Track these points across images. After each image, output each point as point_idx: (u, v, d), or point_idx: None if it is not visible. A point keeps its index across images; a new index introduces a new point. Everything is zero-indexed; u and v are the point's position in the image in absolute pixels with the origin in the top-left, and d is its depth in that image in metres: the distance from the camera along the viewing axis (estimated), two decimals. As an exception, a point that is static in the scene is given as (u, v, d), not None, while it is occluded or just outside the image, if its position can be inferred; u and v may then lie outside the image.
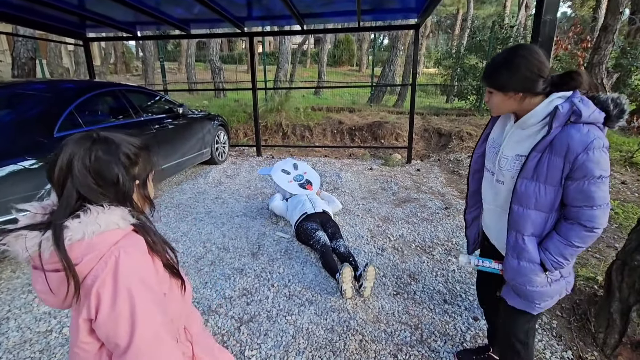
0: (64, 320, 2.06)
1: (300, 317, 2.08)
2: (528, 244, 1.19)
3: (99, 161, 0.72)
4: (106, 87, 3.44)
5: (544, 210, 1.16)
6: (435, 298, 2.29)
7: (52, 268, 0.70)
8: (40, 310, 2.14)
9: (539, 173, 1.11)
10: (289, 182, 3.49)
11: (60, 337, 1.93)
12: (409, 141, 5.68)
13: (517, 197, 1.16)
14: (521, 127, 1.18)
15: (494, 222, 1.35)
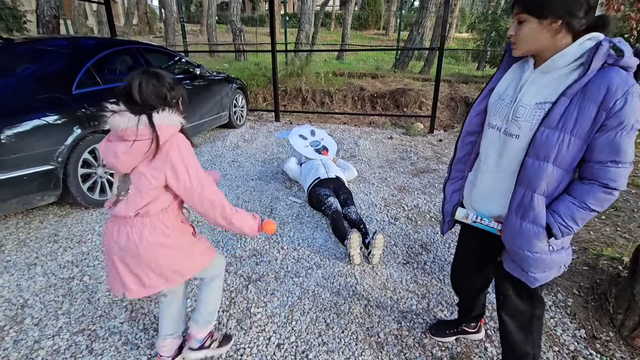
0: (85, 269, 2.18)
1: (307, 279, 2.11)
2: (537, 203, 1.05)
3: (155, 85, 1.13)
4: (123, 45, 3.41)
5: (562, 167, 1.02)
6: (446, 269, 2.25)
7: (141, 138, 1.09)
8: (64, 258, 2.28)
9: (566, 122, 0.97)
10: (305, 147, 3.44)
11: (81, 284, 2.05)
12: (433, 110, 5.41)
13: (534, 149, 1.02)
14: (545, 71, 1.04)
15: (489, 188, 1.19)
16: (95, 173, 2.86)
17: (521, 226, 1.09)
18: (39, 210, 2.85)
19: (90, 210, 2.87)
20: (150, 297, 1.95)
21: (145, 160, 1.12)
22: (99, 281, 2.08)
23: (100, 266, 2.21)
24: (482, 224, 1.22)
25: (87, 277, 2.11)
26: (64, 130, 2.54)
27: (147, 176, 1.13)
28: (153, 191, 1.16)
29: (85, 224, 2.68)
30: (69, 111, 2.59)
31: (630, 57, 0.93)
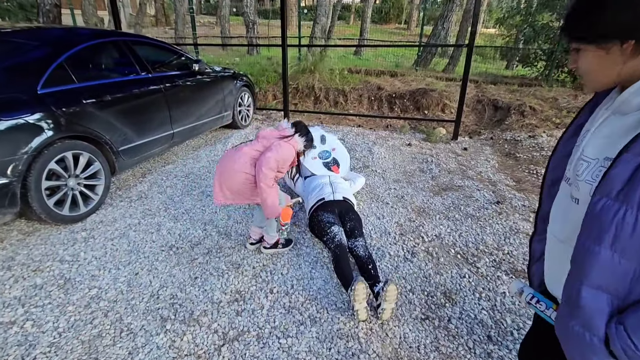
0: (31, 310, 1.80)
1: (297, 340, 1.66)
2: (586, 299, 0.71)
3: None
4: (107, 37, 3.01)
5: (629, 256, 0.66)
6: (477, 331, 1.76)
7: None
8: (11, 293, 1.90)
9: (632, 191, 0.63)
10: (312, 159, 2.97)
11: (20, 332, 1.67)
12: (458, 114, 4.83)
13: (586, 224, 0.70)
14: (620, 111, 0.72)
15: (553, 261, 0.88)
16: (66, 185, 2.48)
17: (570, 327, 0.75)
18: (3, 226, 2.51)
19: (59, 228, 2.51)
20: (98, 359, 1.54)
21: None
22: (43, 330, 1.69)
23: (50, 307, 1.83)
24: (538, 308, 0.90)
25: (31, 322, 1.73)
26: (21, 136, 2.16)
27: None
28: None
29: (48, 246, 2.31)
30: (31, 114, 2.21)
31: None
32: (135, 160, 3.11)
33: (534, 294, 0.93)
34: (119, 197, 3.00)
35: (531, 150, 4.34)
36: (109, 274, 2.07)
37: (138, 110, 3.06)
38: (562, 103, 5.62)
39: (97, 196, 2.72)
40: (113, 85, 2.89)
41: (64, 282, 2.00)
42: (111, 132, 2.77)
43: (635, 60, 0.68)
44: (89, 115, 2.60)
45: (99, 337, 1.66)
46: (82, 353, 1.57)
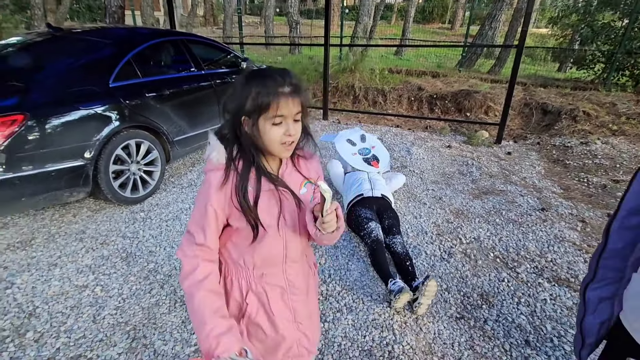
0: (100, 277, 2.04)
1: (334, 326, 1.75)
2: None
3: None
4: (167, 37, 3.27)
5: None
6: (514, 335, 1.74)
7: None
8: (83, 262, 2.17)
9: None
10: (352, 154, 3.04)
11: (91, 295, 1.90)
12: (503, 116, 4.67)
13: None
14: None
15: None
16: (128, 170, 2.75)
17: None
18: (75, 203, 2.83)
19: (121, 208, 2.79)
20: (156, 325, 1.73)
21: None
22: (110, 294, 1.91)
23: (115, 276, 2.06)
24: None
25: (100, 288, 1.96)
26: (96, 125, 2.43)
27: None
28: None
29: (113, 223, 2.59)
30: (104, 105, 2.48)
31: None
32: (186, 150, 3.36)
33: None
34: (172, 183, 3.26)
35: (582, 157, 4.10)
36: (164, 251, 2.29)
37: (191, 104, 3.30)
38: (621, 108, 5.23)
39: (154, 181, 2.98)
40: (171, 81, 3.14)
41: (126, 256, 2.24)
42: (168, 123, 3.02)
43: None
44: (151, 108, 2.86)
45: (157, 305, 1.85)
46: (143, 317, 1.77)
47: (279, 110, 0.77)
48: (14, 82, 2.25)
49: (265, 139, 0.80)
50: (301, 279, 0.97)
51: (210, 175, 0.82)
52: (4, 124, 2.01)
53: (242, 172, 0.82)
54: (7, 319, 1.74)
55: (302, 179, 0.92)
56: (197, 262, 0.82)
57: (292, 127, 0.80)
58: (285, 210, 0.87)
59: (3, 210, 2.30)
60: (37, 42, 2.77)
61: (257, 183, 0.83)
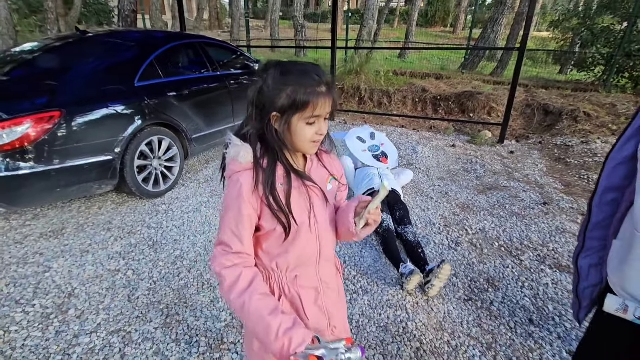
0: (130, 262, 2.19)
1: (351, 305, 1.88)
2: None
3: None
4: (186, 39, 3.44)
5: None
6: (518, 314, 1.87)
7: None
8: (113, 249, 2.32)
9: None
10: (362, 151, 3.19)
11: (124, 278, 2.05)
12: (505, 116, 4.81)
13: None
14: None
15: None
16: (151, 165, 2.90)
17: None
18: (99, 196, 2.98)
19: (144, 201, 2.94)
20: (187, 304, 1.87)
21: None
22: (141, 277, 2.06)
23: (144, 261, 2.20)
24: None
25: (131, 271, 2.11)
26: (123, 121, 2.59)
27: None
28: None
29: (137, 215, 2.74)
30: (130, 103, 2.64)
31: None
32: (203, 147, 3.51)
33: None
34: (189, 179, 3.41)
35: (583, 155, 4.24)
36: (188, 240, 2.43)
37: (207, 103, 3.45)
38: (620, 109, 5.36)
39: (173, 176, 3.13)
40: (189, 81, 3.30)
41: (152, 244, 2.39)
42: (187, 121, 3.18)
43: None
44: (171, 106, 3.01)
45: (186, 287, 1.99)
46: (174, 297, 1.91)
47: (315, 111, 0.76)
48: (49, 82, 2.41)
49: (296, 137, 0.78)
50: (333, 279, 0.95)
51: (239, 176, 0.78)
52: (43, 120, 2.16)
53: (270, 170, 0.79)
54: (48, 298, 1.88)
55: (327, 175, 0.90)
56: (238, 271, 0.78)
57: (324, 126, 0.79)
58: (315, 206, 0.85)
59: (40, 200, 2.45)
60: (67, 44, 2.93)
61: (287, 179, 0.80)
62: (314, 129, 0.78)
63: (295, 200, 0.82)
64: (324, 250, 0.88)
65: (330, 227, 0.90)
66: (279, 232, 0.81)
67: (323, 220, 0.87)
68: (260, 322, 0.74)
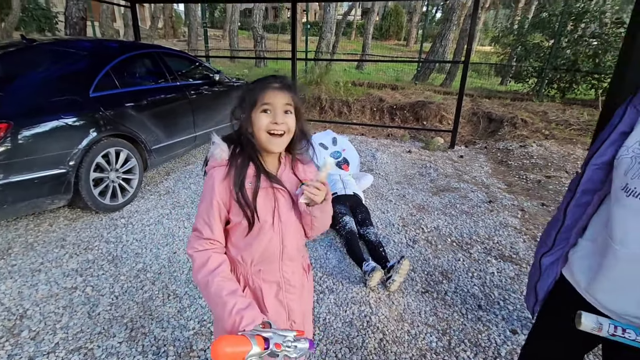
0: (88, 279, 2.10)
1: (318, 305, 1.97)
2: None
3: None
4: (144, 49, 3.39)
5: None
6: (469, 302, 2.07)
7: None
8: (69, 266, 2.21)
9: None
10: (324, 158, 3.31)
11: (82, 295, 1.97)
12: (455, 124, 5.22)
13: None
14: None
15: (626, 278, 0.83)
16: (108, 177, 2.81)
17: None
18: (50, 212, 2.82)
19: (100, 215, 2.82)
20: (153, 316, 1.84)
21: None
22: (102, 293, 1.99)
23: (104, 277, 2.13)
24: (627, 338, 0.81)
25: (90, 288, 2.03)
26: (78, 133, 2.50)
27: None
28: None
29: (94, 230, 2.62)
30: (85, 114, 2.56)
31: None
32: (163, 158, 3.44)
33: (616, 323, 0.84)
34: (149, 191, 3.32)
35: (522, 158, 4.71)
36: (151, 253, 2.38)
37: (167, 114, 3.41)
38: (551, 116, 6.03)
39: (132, 189, 3.04)
40: (148, 91, 3.25)
41: (112, 258, 2.31)
42: (146, 132, 3.11)
43: None
44: (129, 117, 2.94)
45: (150, 299, 1.96)
46: (139, 311, 1.87)
47: (265, 99, 0.84)
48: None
49: (256, 129, 0.86)
50: (297, 277, 0.99)
51: (214, 171, 0.88)
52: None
53: (241, 168, 0.87)
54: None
55: (297, 182, 0.95)
56: (208, 254, 0.86)
57: (280, 116, 0.85)
58: (280, 207, 0.91)
59: (-17, 218, 2.27)
60: (12, 52, 2.78)
61: (255, 179, 0.88)
62: (269, 118, 0.85)
63: (262, 199, 0.89)
64: (287, 249, 0.94)
65: (296, 228, 0.95)
66: (244, 226, 0.89)
67: (288, 221, 0.93)
68: (219, 300, 0.81)
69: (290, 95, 0.88)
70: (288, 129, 0.88)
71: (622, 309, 0.84)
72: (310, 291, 1.11)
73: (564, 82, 7.29)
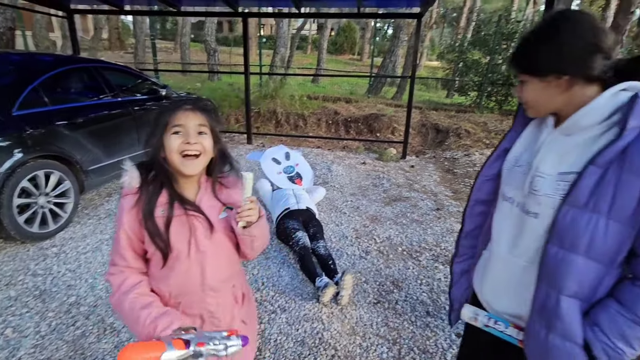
0: (9, 319, 1.87)
1: (269, 326, 1.91)
2: (565, 309, 0.76)
3: None
4: (78, 63, 3.17)
5: (599, 260, 0.74)
6: (418, 309, 2.13)
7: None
8: (-15, 306, 1.95)
9: (599, 199, 0.71)
10: (277, 174, 3.29)
11: (1, 338, 1.74)
12: (405, 136, 5.47)
13: (557, 234, 0.75)
14: (567, 132, 0.79)
15: (502, 278, 0.90)
16: (36, 203, 2.55)
17: (547, 340, 0.79)
18: (-35, 245, 2.49)
19: (27, 245, 2.54)
20: (85, 355, 1.68)
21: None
22: (24, 334, 1.78)
23: (28, 315, 1.91)
24: (496, 329, 0.90)
25: (10, 329, 1.80)
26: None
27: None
28: None
29: (18, 262, 2.36)
30: (6, 135, 2.32)
31: None
32: (103, 179, 3.21)
33: (490, 315, 0.92)
34: (87, 215, 3.07)
35: (466, 166, 5.04)
36: (86, 283, 2.18)
37: (108, 132, 3.20)
38: (490, 127, 6.55)
39: (66, 214, 2.79)
40: (83, 108, 3.03)
41: (40, 293, 2.08)
42: (81, 152, 2.89)
43: (572, 93, 0.75)
44: (61, 136, 2.72)
45: (83, 336, 1.78)
46: (68, 350, 1.70)
47: (176, 121, 0.82)
48: None
49: (168, 153, 0.82)
50: (223, 309, 0.92)
51: (123, 200, 0.84)
52: None
53: (152, 195, 0.83)
54: None
55: (220, 206, 0.91)
56: (124, 276, 0.83)
57: (193, 137, 0.83)
58: (197, 235, 0.86)
59: None
60: None
61: (168, 207, 0.83)
62: (181, 139, 0.82)
63: (175, 227, 0.85)
64: (208, 281, 0.88)
65: (220, 257, 0.90)
66: (158, 257, 0.85)
67: (207, 249, 0.88)
68: (133, 316, 0.79)
69: (203, 116, 0.86)
70: (203, 150, 0.85)
71: (502, 307, 0.92)
72: (250, 320, 1.04)
73: (500, 95, 7.97)
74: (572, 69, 0.73)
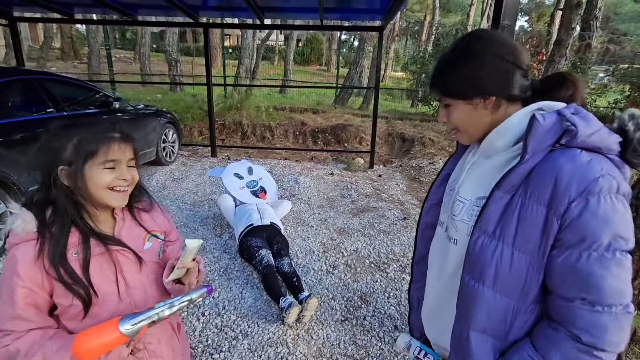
0: None
1: (230, 354, 1.79)
2: (475, 346, 0.71)
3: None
4: (13, 76, 2.91)
5: (507, 294, 0.68)
6: (386, 324, 2.09)
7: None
8: None
9: (504, 227, 0.66)
10: (240, 189, 3.16)
11: None
12: (372, 146, 5.54)
13: (469, 262, 0.71)
14: (486, 154, 0.75)
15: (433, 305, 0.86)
16: (-38, 230, 2.27)
17: None
18: None
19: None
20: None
21: None
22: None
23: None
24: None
25: None
26: None
27: None
28: None
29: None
30: None
31: (596, 132, 0.62)
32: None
33: (421, 347, 0.88)
34: (27, 241, 2.78)
35: (431, 174, 5.16)
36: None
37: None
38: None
39: (0, 241, 2.51)
40: (22, 124, 2.77)
41: None
42: (20, 172, 2.63)
43: (497, 113, 0.72)
44: (-5, 155, 2.46)
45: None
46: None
47: (109, 155, 0.73)
48: None
49: (92, 186, 0.72)
50: (165, 344, 0.86)
51: (16, 250, 0.69)
52: None
53: (58, 237, 0.70)
54: None
55: (145, 233, 0.84)
56: (31, 339, 0.70)
57: (127, 172, 0.76)
58: (124, 270, 0.78)
59: None
60: None
61: (83, 247, 0.73)
62: (114, 175, 0.74)
63: (97, 269, 0.75)
64: None
65: (151, 288, 0.83)
66: (78, 308, 0.73)
67: (138, 284, 0.81)
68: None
69: (132, 147, 0.79)
70: (133, 182, 0.79)
71: (431, 337, 0.88)
72: (185, 351, 0.97)
73: (460, 104, 8.34)
74: (496, 89, 0.71)
